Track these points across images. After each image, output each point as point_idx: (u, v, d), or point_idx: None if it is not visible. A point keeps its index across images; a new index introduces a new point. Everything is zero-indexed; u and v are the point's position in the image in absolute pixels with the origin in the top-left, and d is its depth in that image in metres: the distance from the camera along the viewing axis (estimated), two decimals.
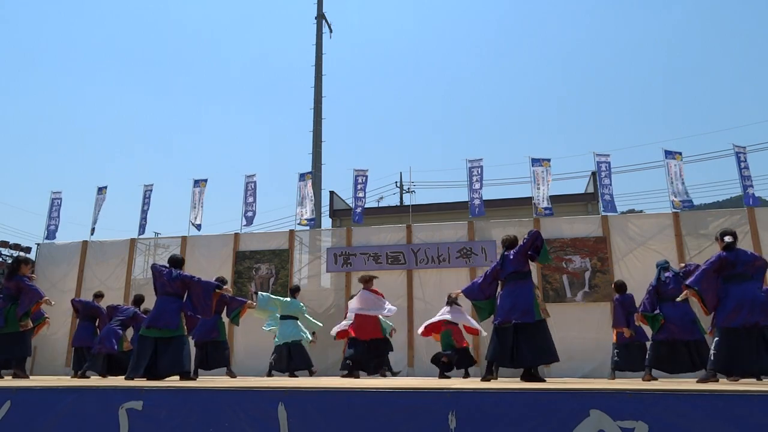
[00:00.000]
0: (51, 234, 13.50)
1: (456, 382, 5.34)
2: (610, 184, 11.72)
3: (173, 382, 5.73)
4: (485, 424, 3.29)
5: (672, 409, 3.05)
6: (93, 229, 13.34)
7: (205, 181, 13.50)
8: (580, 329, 10.47)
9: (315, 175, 13.75)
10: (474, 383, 4.92)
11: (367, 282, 8.71)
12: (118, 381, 5.58)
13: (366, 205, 12.85)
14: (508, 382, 5.32)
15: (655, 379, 7.41)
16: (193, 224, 13.10)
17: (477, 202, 12.03)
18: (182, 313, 6.66)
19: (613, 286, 9.01)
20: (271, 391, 3.74)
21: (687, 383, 5.40)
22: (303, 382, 5.83)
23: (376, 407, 3.48)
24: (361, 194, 12.73)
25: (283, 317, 9.79)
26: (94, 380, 6.44)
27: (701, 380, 5.44)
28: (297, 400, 3.64)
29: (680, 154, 11.48)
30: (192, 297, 6.70)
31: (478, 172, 12.21)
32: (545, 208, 11.62)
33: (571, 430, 3.13)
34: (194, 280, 6.75)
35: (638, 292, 8.91)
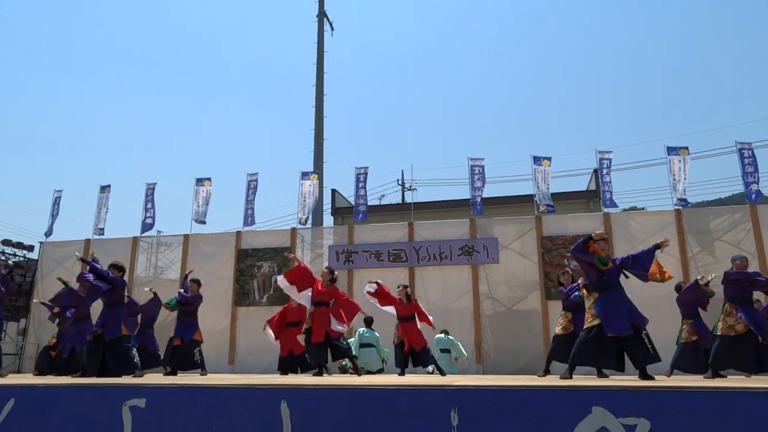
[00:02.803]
0: (51, 231, 13.55)
1: (458, 379, 5.35)
2: (611, 182, 11.75)
3: (176, 379, 5.74)
4: (487, 421, 3.30)
5: (674, 406, 3.06)
6: (101, 229, 13.34)
7: (209, 179, 13.54)
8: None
9: (318, 174, 13.75)
10: (476, 380, 4.93)
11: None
12: (121, 379, 5.60)
13: (368, 203, 12.90)
14: (509, 379, 5.32)
15: (724, 377, 7.34)
16: (197, 221, 13.14)
17: (479, 199, 12.04)
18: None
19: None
20: (274, 388, 3.75)
21: (690, 381, 5.40)
22: (305, 379, 5.84)
23: (378, 405, 3.49)
24: (362, 192, 12.77)
25: (362, 345, 9.84)
26: (96, 378, 6.46)
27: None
28: (300, 397, 3.65)
29: (686, 148, 11.44)
30: None
31: (479, 170, 12.22)
32: (547, 206, 11.62)
33: (573, 427, 3.14)
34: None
35: (640, 291, 8.87)
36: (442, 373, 8.25)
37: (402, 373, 8.12)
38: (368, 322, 10.13)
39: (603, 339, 5.51)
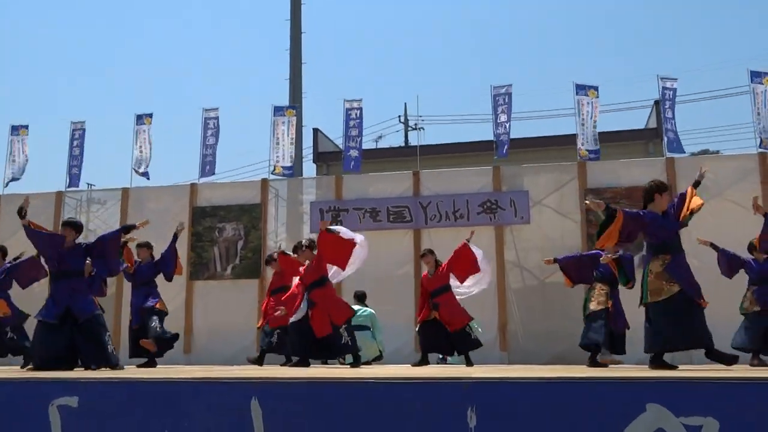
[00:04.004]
0: None
1: (476, 371, 5.43)
2: (676, 118, 11.64)
3: (118, 373, 5.83)
4: (512, 423, 3.35)
5: (749, 402, 3.10)
6: (14, 182, 13.28)
7: (150, 116, 13.41)
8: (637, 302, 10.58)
9: (295, 109, 13.62)
10: (499, 371, 4.98)
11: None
12: (47, 372, 5.67)
13: (361, 147, 12.79)
14: (541, 370, 5.39)
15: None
16: (137, 172, 13.08)
17: (504, 141, 11.97)
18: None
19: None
20: (242, 383, 3.80)
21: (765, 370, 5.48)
22: (282, 371, 5.93)
23: (376, 403, 3.53)
24: (354, 132, 12.67)
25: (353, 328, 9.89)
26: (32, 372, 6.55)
27: None
28: (275, 393, 3.70)
29: None
30: None
31: (505, 101, 12.10)
32: (590, 151, 11.57)
33: (622, 429, 3.19)
34: None
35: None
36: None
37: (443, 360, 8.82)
38: (360, 297, 10.20)
39: (694, 309, 5.65)
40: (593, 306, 7.83)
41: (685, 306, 5.73)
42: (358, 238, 8.12)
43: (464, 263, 8.93)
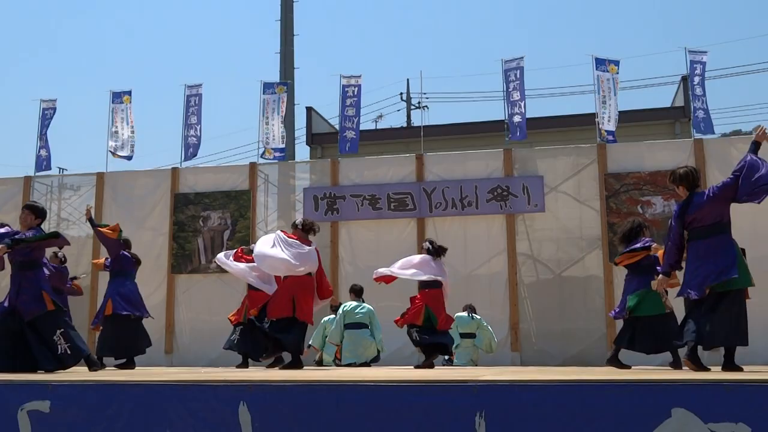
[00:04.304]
0: None
1: (486, 372, 5.44)
2: (706, 95, 11.59)
3: (94, 375, 5.84)
4: (525, 430, 3.36)
5: None
6: None
7: (129, 93, 13.38)
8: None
9: (287, 86, 13.59)
10: (511, 373, 4.98)
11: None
12: (16, 375, 5.67)
13: (359, 128, 12.77)
14: (557, 372, 5.40)
15: None
16: (114, 154, 13.07)
17: (517, 120, 11.94)
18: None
19: None
20: (229, 386, 3.81)
21: None
22: (274, 374, 5.94)
23: (376, 408, 3.55)
24: (351, 111, 12.62)
25: (350, 326, 9.93)
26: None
27: None
28: (265, 398, 3.71)
29: None
30: None
31: (516, 76, 12.06)
32: (612, 132, 11.54)
33: None
34: None
35: (747, 244, 8.91)
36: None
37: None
38: (358, 292, 10.20)
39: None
40: (668, 303, 7.77)
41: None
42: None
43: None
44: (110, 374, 5.83)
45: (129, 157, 13.19)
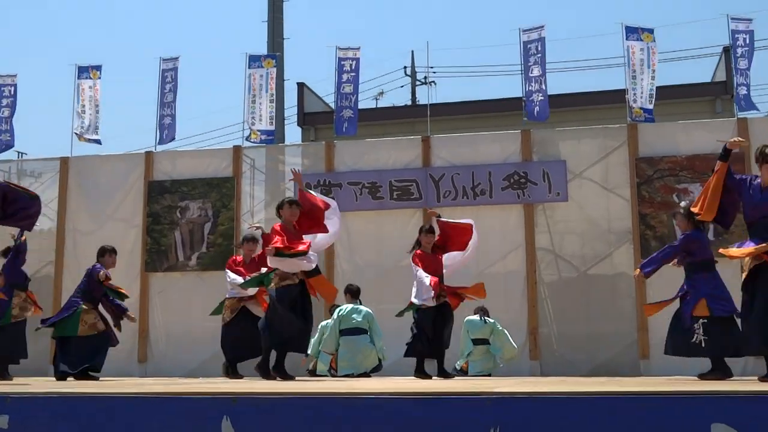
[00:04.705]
0: None
1: (501, 383, 5.45)
2: (750, 69, 11.55)
3: (58, 386, 5.85)
4: None
5: None
6: None
7: (98, 68, 13.35)
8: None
9: (275, 59, 13.53)
10: (530, 384, 4.96)
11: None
12: None
13: (357, 106, 12.73)
14: (580, 383, 5.39)
15: None
16: (80, 137, 13.05)
17: (538, 98, 11.91)
18: None
19: None
20: (211, 398, 3.82)
21: None
22: (261, 385, 5.95)
23: (377, 422, 3.55)
24: (348, 88, 12.60)
25: (346, 332, 9.93)
26: None
27: None
28: (252, 411, 3.71)
29: None
30: None
31: (537, 48, 12.03)
32: (645, 110, 11.53)
33: None
34: None
35: None
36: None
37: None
38: (354, 293, 10.19)
39: None
40: None
41: None
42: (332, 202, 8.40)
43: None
44: (77, 385, 5.85)
45: (97, 141, 13.18)
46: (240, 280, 9.32)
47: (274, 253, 7.49)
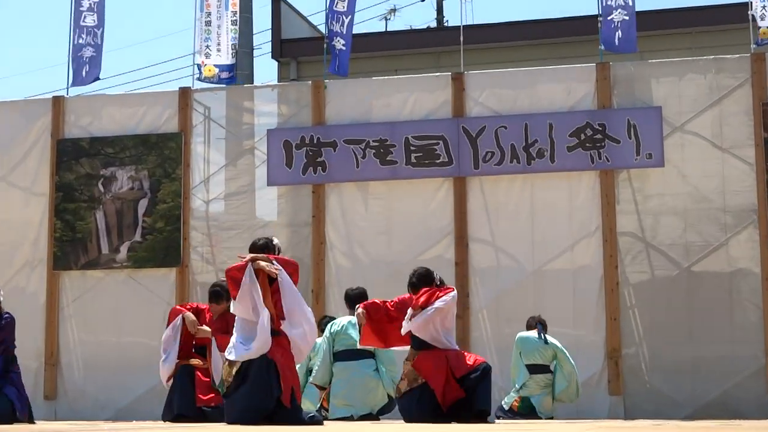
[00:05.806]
0: None
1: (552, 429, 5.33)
2: None
3: None
4: None
5: None
6: None
7: None
8: None
9: None
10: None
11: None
12: None
13: (358, 31, 12.72)
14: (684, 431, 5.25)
15: None
16: None
17: (620, 16, 11.83)
18: None
19: None
20: None
21: None
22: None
23: None
24: (342, 6, 12.57)
25: (341, 356, 9.83)
26: None
27: None
28: None
29: None
30: None
31: None
32: None
33: None
34: None
35: None
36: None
37: None
38: (354, 299, 10.03)
39: None
40: None
41: None
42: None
43: None
44: None
45: None
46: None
47: None
